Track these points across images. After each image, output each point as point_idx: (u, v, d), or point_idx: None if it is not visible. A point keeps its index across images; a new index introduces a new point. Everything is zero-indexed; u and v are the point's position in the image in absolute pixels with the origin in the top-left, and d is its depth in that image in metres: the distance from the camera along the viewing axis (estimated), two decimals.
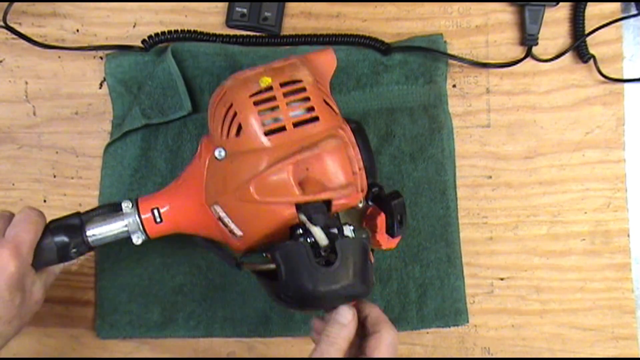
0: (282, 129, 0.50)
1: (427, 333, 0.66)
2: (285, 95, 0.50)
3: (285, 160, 0.49)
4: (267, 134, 0.50)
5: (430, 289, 0.64)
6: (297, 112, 0.50)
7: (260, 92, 0.50)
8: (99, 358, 0.66)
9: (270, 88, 0.50)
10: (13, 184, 0.66)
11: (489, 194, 0.67)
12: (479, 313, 0.66)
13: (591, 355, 0.67)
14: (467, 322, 0.65)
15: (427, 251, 0.65)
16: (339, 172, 0.49)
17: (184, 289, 0.65)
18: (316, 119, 0.50)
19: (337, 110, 0.53)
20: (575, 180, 0.67)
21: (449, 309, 0.65)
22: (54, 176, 0.66)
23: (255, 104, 0.50)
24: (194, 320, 0.65)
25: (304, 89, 0.51)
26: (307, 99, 0.51)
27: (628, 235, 0.67)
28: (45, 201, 0.66)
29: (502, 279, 0.67)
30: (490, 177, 0.67)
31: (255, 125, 0.50)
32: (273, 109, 0.50)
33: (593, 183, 0.67)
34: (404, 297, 0.64)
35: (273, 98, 0.50)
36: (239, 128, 0.50)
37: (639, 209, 0.67)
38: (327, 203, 0.49)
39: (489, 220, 0.67)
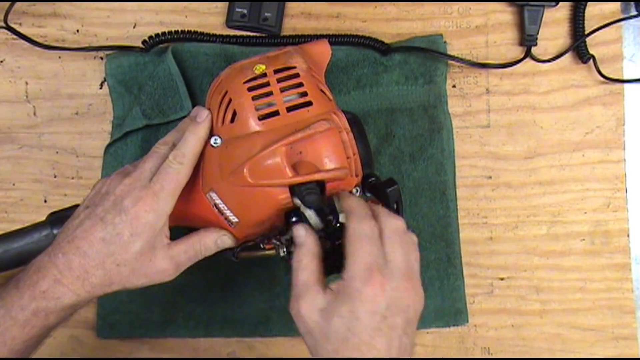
0: (276, 113, 0.50)
1: (427, 333, 0.66)
2: (278, 81, 0.51)
3: (278, 142, 0.49)
4: (260, 118, 0.50)
5: (430, 289, 0.64)
6: (291, 97, 0.51)
7: (254, 78, 0.51)
8: (99, 358, 0.66)
9: (264, 74, 0.51)
10: (13, 184, 0.66)
11: (489, 194, 0.67)
12: (479, 313, 0.66)
13: (591, 355, 0.67)
14: (467, 322, 0.66)
15: (427, 251, 0.65)
16: (331, 154, 0.50)
17: (184, 289, 0.65)
18: (309, 103, 0.51)
19: (331, 98, 0.54)
20: (575, 180, 0.67)
21: (449, 309, 0.65)
22: (55, 176, 0.66)
23: (250, 89, 0.51)
24: (194, 320, 0.65)
25: (297, 75, 0.52)
26: (301, 84, 0.51)
27: (628, 235, 0.67)
28: (45, 201, 0.66)
29: (502, 279, 0.67)
30: (490, 177, 0.67)
31: (249, 110, 0.50)
32: (267, 94, 0.51)
33: (593, 183, 0.67)
34: None
35: (267, 84, 0.51)
36: (234, 114, 0.51)
37: (639, 209, 0.67)
38: (321, 187, 0.50)
39: (489, 220, 0.67)
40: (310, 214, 0.50)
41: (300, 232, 0.49)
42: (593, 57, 0.66)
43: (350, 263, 0.47)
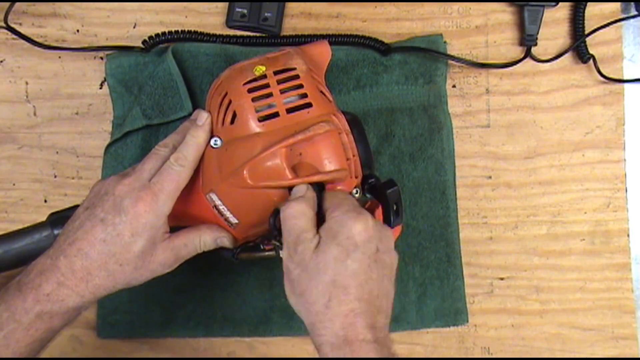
0: (276, 114, 0.51)
1: (427, 333, 0.66)
2: (278, 82, 0.51)
3: (278, 144, 0.49)
4: (260, 120, 0.51)
5: (430, 289, 0.65)
6: (291, 98, 0.51)
7: (254, 80, 0.51)
8: (99, 358, 0.66)
9: (264, 76, 0.51)
10: (13, 184, 0.66)
11: (489, 194, 0.67)
12: (479, 313, 0.66)
13: (591, 355, 0.67)
14: (467, 322, 0.66)
15: (427, 251, 0.65)
16: (331, 155, 0.50)
17: (184, 289, 0.65)
18: (309, 105, 0.51)
19: (331, 99, 0.54)
20: (575, 180, 0.67)
21: (449, 309, 0.65)
22: (55, 176, 0.66)
23: (249, 91, 0.51)
24: (194, 320, 0.65)
25: (297, 77, 0.52)
26: (301, 86, 0.51)
27: (628, 235, 0.67)
28: (45, 201, 0.66)
29: (502, 279, 0.67)
30: (490, 177, 0.67)
31: (249, 112, 0.51)
32: (267, 96, 0.51)
33: (593, 183, 0.67)
34: (403, 297, 0.64)
35: (267, 85, 0.51)
36: (234, 116, 0.51)
37: (639, 209, 0.67)
38: (321, 189, 0.50)
39: (489, 220, 0.67)
40: None
41: (302, 188, 0.49)
42: (593, 57, 0.66)
43: None
